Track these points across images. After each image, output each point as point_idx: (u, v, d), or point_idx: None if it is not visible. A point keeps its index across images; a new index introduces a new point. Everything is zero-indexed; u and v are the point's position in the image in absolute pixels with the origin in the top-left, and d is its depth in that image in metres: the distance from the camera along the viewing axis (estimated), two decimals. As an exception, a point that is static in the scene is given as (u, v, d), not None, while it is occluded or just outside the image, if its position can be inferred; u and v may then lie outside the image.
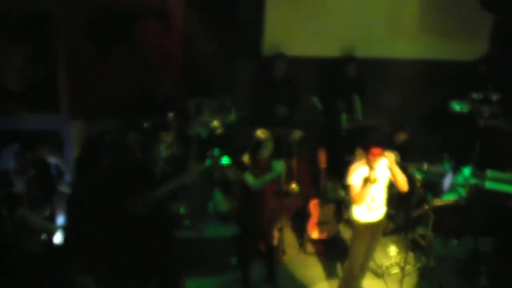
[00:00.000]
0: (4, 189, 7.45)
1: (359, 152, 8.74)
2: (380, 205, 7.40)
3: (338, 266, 8.55)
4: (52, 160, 8.43)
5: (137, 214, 7.39)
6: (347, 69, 9.98)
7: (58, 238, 7.96)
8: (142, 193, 7.38)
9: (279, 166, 7.43)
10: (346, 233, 9.04)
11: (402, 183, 7.32)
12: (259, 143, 7.46)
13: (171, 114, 9.05)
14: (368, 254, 7.74)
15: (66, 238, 8.09)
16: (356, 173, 7.24)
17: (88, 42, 9.51)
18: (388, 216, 8.00)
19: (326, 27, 10.10)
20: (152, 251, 7.75)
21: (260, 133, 7.48)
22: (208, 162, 7.69)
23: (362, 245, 7.56)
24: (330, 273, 8.46)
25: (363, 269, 7.86)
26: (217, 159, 7.82)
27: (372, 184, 7.08)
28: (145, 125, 8.91)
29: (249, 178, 7.49)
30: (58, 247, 7.78)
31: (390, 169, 7.27)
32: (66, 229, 8.22)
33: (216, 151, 8.22)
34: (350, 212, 7.57)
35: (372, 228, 7.49)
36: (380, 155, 7.07)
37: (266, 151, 7.45)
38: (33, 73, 9.33)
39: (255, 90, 9.96)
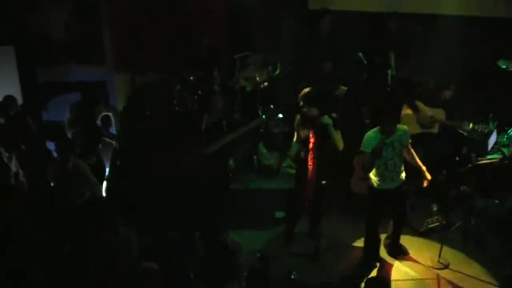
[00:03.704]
0: (58, 139, 7.57)
1: (405, 108, 8.74)
2: (395, 175, 7.25)
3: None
4: (103, 111, 8.54)
5: (185, 167, 7.44)
6: (389, 24, 9.84)
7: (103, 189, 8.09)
8: (188, 146, 7.42)
9: (328, 120, 7.38)
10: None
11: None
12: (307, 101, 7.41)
13: (215, 68, 9.08)
14: (397, 220, 7.74)
15: (110, 189, 8.20)
16: (368, 140, 7.09)
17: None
18: (434, 175, 7.91)
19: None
20: (196, 204, 7.85)
21: (307, 90, 7.43)
22: (264, 117, 7.68)
23: (377, 213, 7.48)
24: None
25: (396, 232, 7.85)
26: (271, 114, 7.80)
27: (378, 154, 6.97)
28: (191, 78, 8.95)
29: (328, 120, 7.42)
30: (102, 198, 7.89)
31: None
32: (110, 181, 8.34)
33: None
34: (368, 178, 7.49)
35: (388, 196, 7.34)
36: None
37: (314, 109, 7.40)
38: (79, 26, 9.39)
39: (300, 45, 9.87)
